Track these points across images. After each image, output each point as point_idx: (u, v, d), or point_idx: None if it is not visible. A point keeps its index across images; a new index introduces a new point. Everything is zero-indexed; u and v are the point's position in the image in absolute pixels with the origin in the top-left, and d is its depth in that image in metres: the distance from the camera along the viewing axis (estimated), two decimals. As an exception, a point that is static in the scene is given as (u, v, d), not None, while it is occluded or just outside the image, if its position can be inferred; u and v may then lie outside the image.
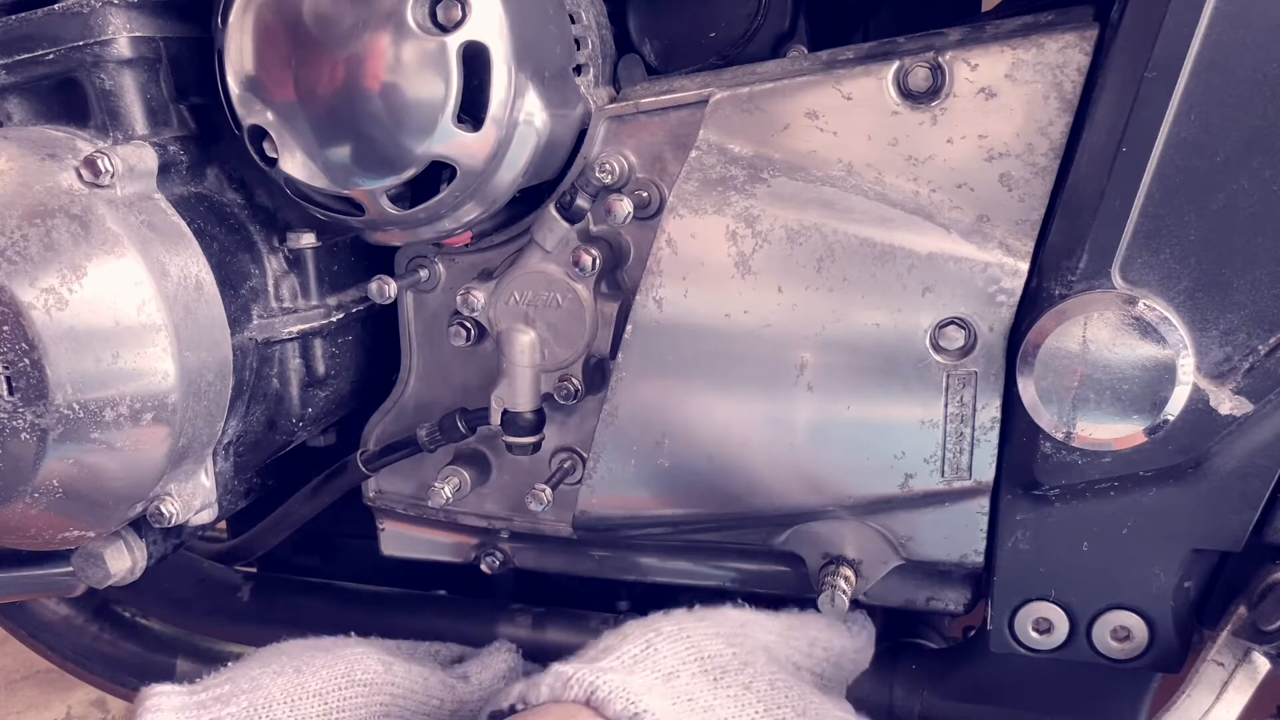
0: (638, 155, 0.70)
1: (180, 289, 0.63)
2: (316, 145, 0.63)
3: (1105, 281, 0.59)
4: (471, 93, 0.61)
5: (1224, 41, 0.54)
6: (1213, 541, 0.62)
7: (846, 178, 0.65)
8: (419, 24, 0.59)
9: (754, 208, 0.65)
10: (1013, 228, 0.62)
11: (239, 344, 0.69)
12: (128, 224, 0.62)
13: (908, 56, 0.63)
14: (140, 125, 0.67)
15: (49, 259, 0.59)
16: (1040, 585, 0.66)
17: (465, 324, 0.75)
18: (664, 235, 0.67)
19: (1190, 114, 0.55)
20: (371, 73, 0.60)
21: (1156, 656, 0.65)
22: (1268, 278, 0.57)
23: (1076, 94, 0.61)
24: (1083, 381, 0.59)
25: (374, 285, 0.72)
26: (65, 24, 0.65)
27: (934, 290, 0.62)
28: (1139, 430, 0.59)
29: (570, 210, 0.70)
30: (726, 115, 0.67)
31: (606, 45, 0.72)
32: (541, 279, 0.72)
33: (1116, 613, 0.65)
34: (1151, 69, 0.55)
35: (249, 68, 0.63)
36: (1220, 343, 0.58)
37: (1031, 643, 0.67)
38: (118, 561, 0.72)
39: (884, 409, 0.65)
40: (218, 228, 0.70)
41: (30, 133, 0.66)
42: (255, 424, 0.73)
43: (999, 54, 0.62)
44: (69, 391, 0.59)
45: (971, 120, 0.62)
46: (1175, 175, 0.56)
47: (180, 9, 0.69)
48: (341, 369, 0.78)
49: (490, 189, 0.66)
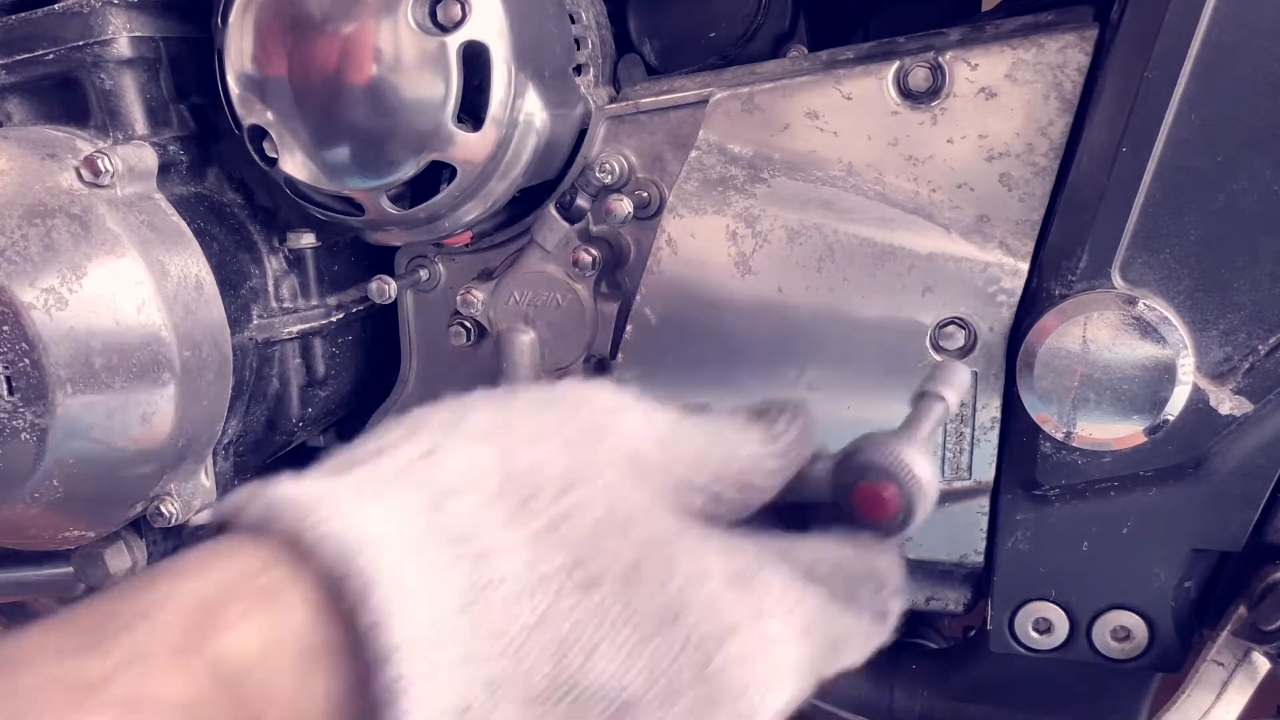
0: (638, 155, 0.70)
1: (180, 289, 0.63)
2: (316, 145, 0.63)
3: (1105, 281, 0.59)
4: (471, 93, 0.61)
5: (1224, 41, 0.54)
6: (1213, 541, 0.62)
7: (846, 177, 0.65)
8: (419, 24, 0.59)
9: (754, 207, 0.65)
10: (1013, 227, 0.62)
11: (239, 344, 0.69)
12: (128, 224, 0.62)
13: (908, 56, 0.63)
14: (140, 125, 0.67)
15: (49, 259, 0.59)
16: (1040, 585, 0.66)
17: (465, 324, 0.75)
18: (664, 235, 0.67)
19: (1190, 114, 0.55)
20: (371, 73, 0.60)
21: (1156, 656, 0.65)
22: (1268, 278, 0.57)
23: (1076, 94, 0.61)
24: (1083, 381, 0.59)
25: (374, 285, 0.72)
26: (65, 24, 0.65)
27: (934, 290, 0.62)
28: (1139, 430, 0.59)
29: (570, 210, 0.70)
30: (726, 115, 0.67)
31: (606, 45, 0.72)
32: (541, 279, 0.72)
33: (1117, 613, 0.65)
34: (1151, 69, 0.55)
35: (249, 68, 0.63)
36: (1220, 343, 0.58)
37: (1032, 643, 0.67)
38: (117, 561, 0.72)
39: (884, 409, 0.65)
40: (218, 228, 0.70)
41: (30, 133, 0.66)
42: (255, 424, 0.73)
43: (999, 54, 0.61)
44: (69, 391, 0.59)
45: (971, 120, 0.62)
46: (1175, 175, 0.56)
47: (180, 9, 0.69)
48: (341, 369, 0.78)
49: (490, 189, 0.66)
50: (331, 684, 0.38)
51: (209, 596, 0.38)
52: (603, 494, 0.43)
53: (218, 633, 0.37)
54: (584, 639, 0.40)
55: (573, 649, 0.40)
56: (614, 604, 0.41)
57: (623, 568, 0.41)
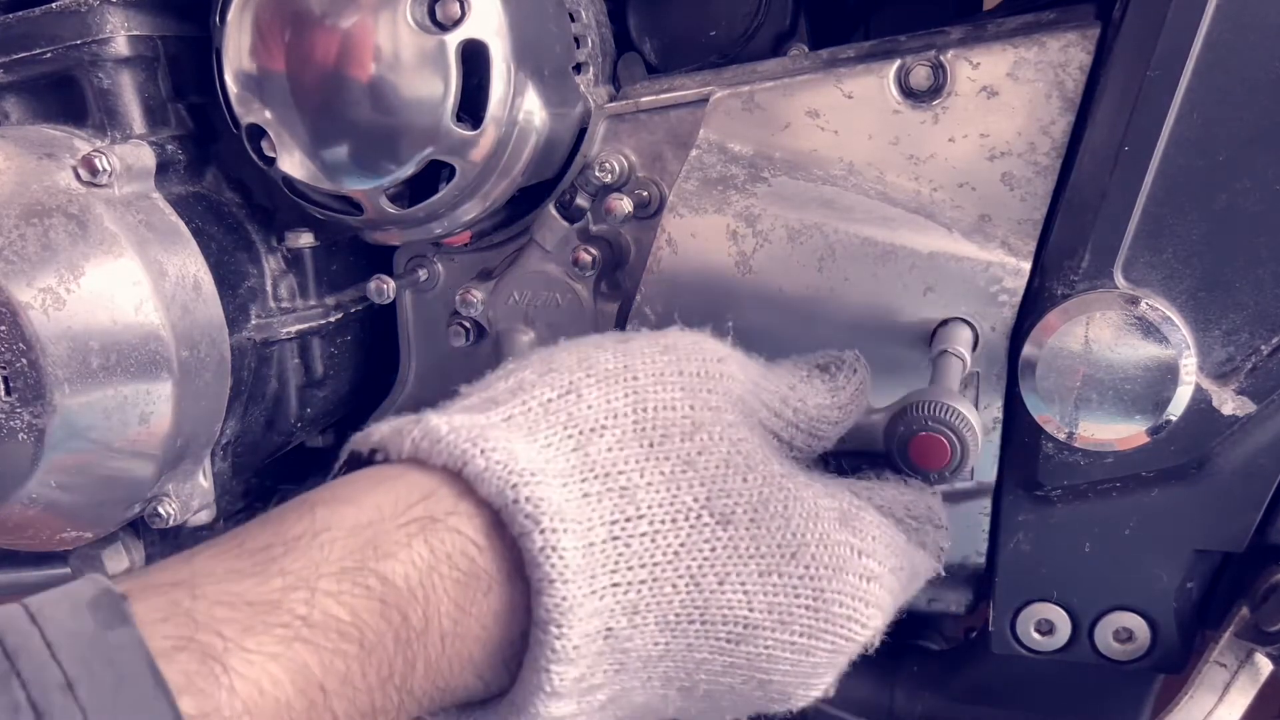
0: (638, 154, 0.70)
1: (178, 289, 0.63)
2: (314, 144, 0.63)
3: (1107, 281, 0.58)
4: (470, 91, 0.61)
5: (1226, 40, 0.54)
6: (1215, 542, 0.62)
7: (848, 177, 0.65)
8: (417, 22, 0.59)
9: (755, 207, 0.65)
10: (1014, 227, 0.62)
11: (237, 344, 0.68)
12: (125, 223, 0.62)
13: (909, 55, 0.63)
14: (138, 124, 0.67)
15: (46, 258, 0.59)
16: (1042, 586, 0.66)
17: (464, 324, 0.74)
18: (664, 235, 0.67)
19: (1193, 113, 0.55)
20: (370, 71, 0.60)
21: (1159, 658, 0.65)
22: (1270, 277, 0.57)
23: (1078, 93, 0.60)
24: (1085, 381, 0.58)
25: (373, 285, 0.72)
26: (63, 23, 0.65)
27: (935, 290, 0.62)
28: (1141, 430, 0.59)
29: (570, 209, 0.69)
30: (727, 114, 0.66)
31: (606, 43, 0.72)
32: (541, 279, 0.71)
33: (1119, 614, 0.65)
34: (1154, 68, 0.55)
35: (247, 66, 0.63)
36: (1223, 343, 0.58)
37: (1033, 644, 0.67)
38: (115, 562, 0.71)
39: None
40: (216, 227, 0.69)
41: (27, 132, 0.65)
42: (253, 424, 0.73)
43: (1001, 53, 0.61)
44: (66, 391, 0.59)
45: (973, 119, 0.62)
46: (1178, 174, 0.56)
47: (178, 7, 0.68)
48: (340, 369, 0.78)
49: (489, 188, 0.65)
50: (488, 606, 0.41)
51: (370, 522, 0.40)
52: (723, 436, 0.46)
53: (380, 557, 0.39)
54: (716, 569, 0.44)
55: (706, 577, 0.44)
56: (744, 538, 0.45)
57: (750, 505, 0.45)
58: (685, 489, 0.44)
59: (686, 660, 0.45)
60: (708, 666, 0.45)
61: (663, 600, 0.43)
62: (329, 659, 0.37)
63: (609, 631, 0.42)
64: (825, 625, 0.46)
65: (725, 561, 0.44)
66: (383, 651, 0.38)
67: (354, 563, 0.39)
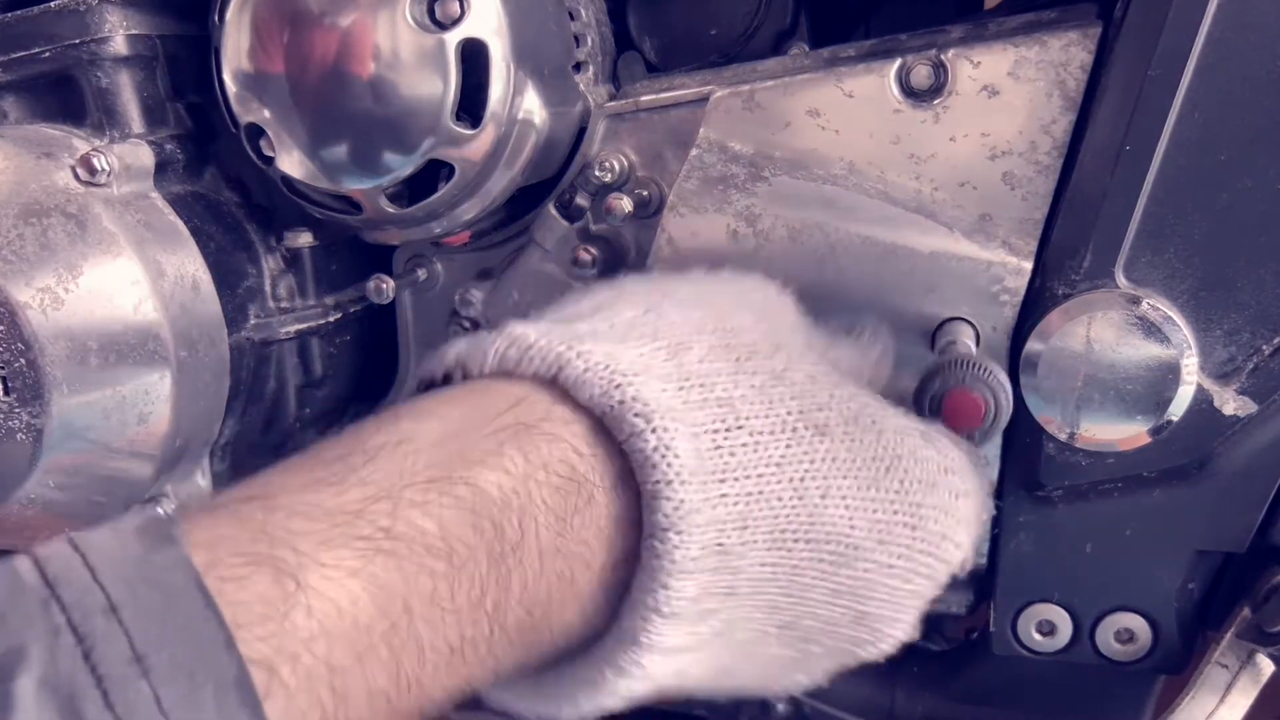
0: (638, 153, 0.70)
1: (177, 288, 0.63)
2: (313, 143, 0.63)
3: (1109, 281, 0.58)
4: (470, 90, 0.61)
5: (1228, 39, 0.53)
6: (1217, 543, 0.62)
7: (848, 176, 0.64)
8: (417, 21, 0.59)
9: (755, 206, 0.65)
10: (1016, 226, 0.62)
11: (236, 344, 0.68)
12: (124, 223, 0.61)
13: (910, 54, 0.63)
14: (137, 124, 0.67)
15: (45, 258, 0.59)
16: (1043, 587, 0.66)
17: (464, 324, 0.74)
18: (664, 234, 0.66)
19: (1194, 112, 0.55)
20: (369, 70, 0.60)
21: (1160, 658, 0.65)
22: (1272, 277, 0.56)
23: (1080, 92, 0.60)
24: (1086, 381, 0.58)
25: (372, 285, 0.72)
26: (61, 22, 0.65)
27: (936, 289, 0.62)
28: (1143, 431, 0.59)
29: (570, 209, 0.69)
30: (727, 113, 0.66)
31: (606, 42, 0.72)
32: (541, 278, 0.71)
33: (1120, 614, 0.65)
34: (1155, 67, 0.55)
35: (246, 65, 0.63)
36: (1224, 343, 0.58)
37: (1035, 645, 0.67)
38: (114, 563, 0.71)
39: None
40: (215, 227, 0.69)
41: (26, 131, 0.65)
42: (252, 424, 0.73)
43: (1002, 52, 0.61)
44: (65, 391, 0.59)
45: (974, 118, 0.62)
46: (1179, 174, 0.56)
47: (177, 6, 0.68)
48: (339, 369, 0.78)
49: (489, 187, 0.65)
50: (591, 518, 0.39)
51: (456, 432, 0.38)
52: (803, 356, 0.47)
53: (469, 466, 0.37)
54: (819, 481, 0.42)
55: (810, 491, 0.42)
56: (842, 449, 0.43)
57: (843, 418, 0.44)
58: (779, 401, 0.43)
59: (792, 585, 0.43)
60: (812, 594, 0.43)
61: (770, 514, 0.41)
62: (415, 576, 0.34)
63: (720, 547, 0.40)
64: (922, 544, 0.45)
65: (827, 474, 0.43)
66: (474, 568, 0.35)
67: (441, 472, 0.36)
